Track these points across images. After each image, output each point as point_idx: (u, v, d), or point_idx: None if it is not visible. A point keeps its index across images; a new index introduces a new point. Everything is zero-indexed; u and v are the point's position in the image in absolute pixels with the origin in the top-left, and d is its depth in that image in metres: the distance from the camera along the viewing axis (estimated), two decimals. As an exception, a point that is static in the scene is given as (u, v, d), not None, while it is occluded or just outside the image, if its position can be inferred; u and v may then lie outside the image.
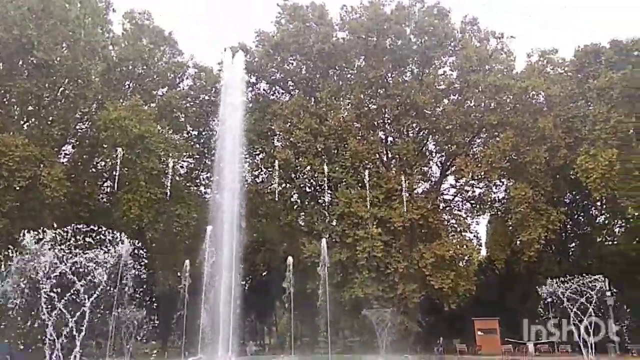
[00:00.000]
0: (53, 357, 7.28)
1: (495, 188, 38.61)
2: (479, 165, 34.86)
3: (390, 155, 40.30)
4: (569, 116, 34.15)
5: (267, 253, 42.67)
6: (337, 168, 36.34)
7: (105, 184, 38.24)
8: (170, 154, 34.08)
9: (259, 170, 42.28)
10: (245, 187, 33.39)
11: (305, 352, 30.35)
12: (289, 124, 37.20)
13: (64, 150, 36.55)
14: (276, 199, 39.59)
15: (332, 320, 25.76)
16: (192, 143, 39.77)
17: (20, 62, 31.67)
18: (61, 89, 33.52)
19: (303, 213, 39.47)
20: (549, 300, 22.74)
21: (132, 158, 32.31)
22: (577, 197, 39.64)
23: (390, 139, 41.15)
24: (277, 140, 40.81)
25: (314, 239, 33.54)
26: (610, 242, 39.12)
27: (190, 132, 41.49)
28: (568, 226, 39.92)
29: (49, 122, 33.23)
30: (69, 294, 7.85)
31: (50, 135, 32.22)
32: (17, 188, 28.27)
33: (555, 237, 35.57)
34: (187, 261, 24.66)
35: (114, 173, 37.08)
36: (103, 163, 37.01)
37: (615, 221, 38.37)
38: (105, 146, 33.21)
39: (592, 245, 39.78)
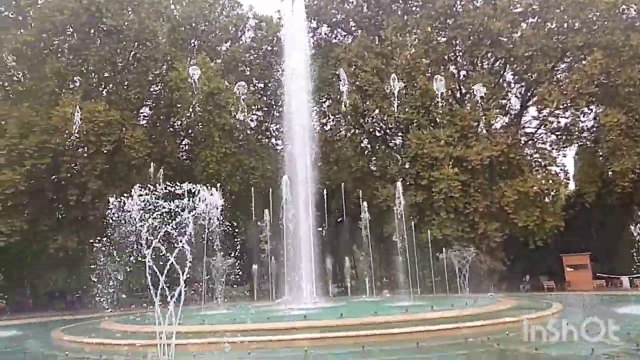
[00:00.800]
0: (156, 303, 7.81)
1: (583, 116, 35.50)
2: (564, 92, 32.03)
3: (464, 91, 38.15)
4: (670, 28, 30.10)
5: (341, 200, 43.03)
6: (406, 109, 35.12)
7: (184, 142, 40.00)
8: (240, 108, 34.78)
9: (327, 118, 42.03)
10: (315, 136, 33.40)
11: (385, 293, 30.84)
12: (354, 67, 36.12)
13: (142, 113, 38.52)
14: (346, 146, 39.45)
15: (410, 262, 25.72)
16: (259, 96, 40.13)
17: (92, 30, 33.09)
18: (132, 52, 34.84)
19: (374, 158, 39.02)
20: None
21: (205, 115, 33.37)
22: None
23: (463, 73, 38.79)
24: (343, 85, 40.00)
25: (387, 183, 33.18)
26: None
27: (257, 84, 41.81)
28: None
29: (125, 87, 34.92)
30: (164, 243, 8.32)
31: (128, 99, 33.94)
32: (105, 151, 30.35)
33: (653, 164, 32.34)
34: (266, 211, 25.46)
35: (190, 132, 38.87)
36: (179, 122, 38.60)
37: None
38: (179, 106, 34.43)
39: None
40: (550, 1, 32.65)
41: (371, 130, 38.15)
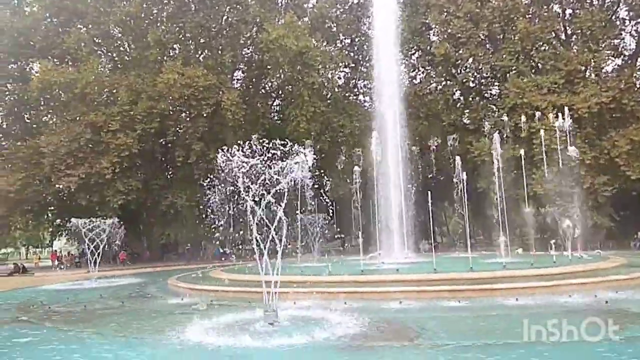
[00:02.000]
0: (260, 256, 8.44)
1: None
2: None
3: (570, 32, 34.58)
4: None
5: (432, 155, 42.01)
6: (504, 56, 32.78)
7: (275, 103, 41.15)
8: (328, 66, 34.82)
9: (416, 71, 40.61)
10: (403, 90, 32.57)
11: (478, 250, 30.14)
12: (446, 13, 34.17)
13: (235, 77, 40.05)
14: (437, 99, 38.03)
15: (508, 218, 24.73)
16: (347, 52, 39.68)
17: (187, -2, 34.60)
18: (224, 17, 36.02)
19: (468, 110, 37.27)
20: None
21: (294, 75, 33.90)
22: None
23: (569, 11, 34.97)
24: (434, 35, 38.16)
25: (482, 136, 31.69)
26: None
27: (344, 40, 41.34)
28: None
29: (220, 51, 36.36)
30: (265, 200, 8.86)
31: (222, 63, 35.44)
32: (205, 115, 32.25)
33: None
34: (357, 167, 25.70)
35: (280, 92, 39.83)
36: (270, 84, 39.64)
37: None
38: (270, 67, 35.26)
39: None
40: None
41: (464, 80, 36.35)
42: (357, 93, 41.52)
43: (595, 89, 29.25)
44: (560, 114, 29.01)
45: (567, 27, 34.74)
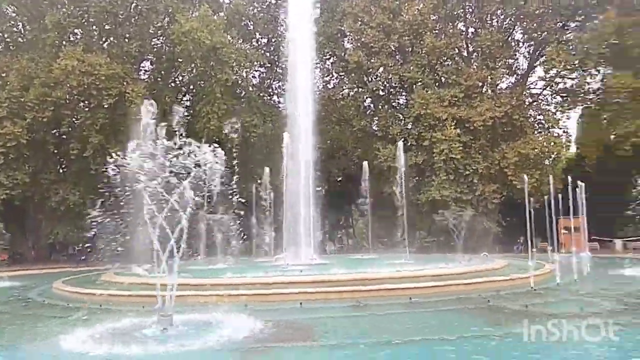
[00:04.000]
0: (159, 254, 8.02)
1: (590, 78, 34.82)
2: (573, 53, 31.46)
3: (471, 49, 37.35)
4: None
5: (342, 159, 43.11)
6: (412, 67, 34.55)
7: (185, 98, 39.66)
8: (242, 64, 34.29)
9: (330, 76, 41.44)
10: (317, 93, 33.08)
11: (381, 251, 31.44)
12: (360, 22, 35.24)
13: (143, 67, 37.97)
14: (349, 104, 39.09)
15: (408, 222, 26.04)
16: (262, 51, 39.38)
17: (92, -20, 32.20)
18: (133, 4, 33.98)
19: (377, 117, 38.76)
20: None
21: (207, 70, 32.93)
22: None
23: (471, 30, 37.76)
24: (348, 42, 39.19)
25: (389, 143, 33.13)
26: None
27: (260, 40, 40.97)
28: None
29: (127, 40, 34.25)
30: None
31: (129, 52, 33.38)
32: (106, 106, 30.17)
33: (656, 129, 32.05)
34: (267, 168, 25.57)
35: (191, 87, 38.45)
36: (181, 77, 38.12)
37: None
38: (181, 60, 33.92)
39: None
40: (565, -44, 31.41)
41: (375, 89, 37.71)
42: (272, 94, 41.34)
43: (490, 104, 31.83)
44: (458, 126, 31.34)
45: (469, 45, 37.47)
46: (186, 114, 39.17)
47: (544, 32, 33.77)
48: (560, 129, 34.92)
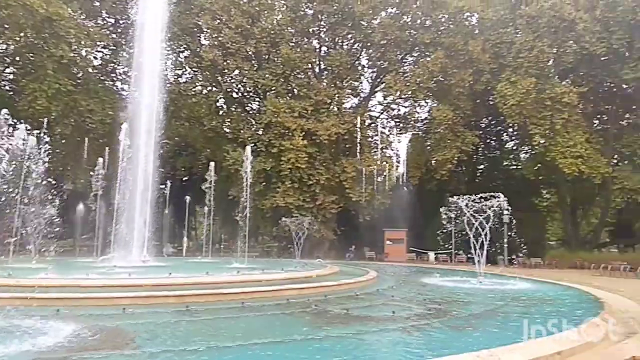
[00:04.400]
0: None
1: (420, 108, 39.71)
2: (408, 84, 35.28)
3: (322, 67, 39.48)
4: (497, 42, 34.94)
5: (189, 157, 41.66)
6: (267, 75, 35.12)
7: (7, 70, 34.24)
8: (83, 42, 30.99)
9: (183, 70, 39.85)
10: (167, 86, 31.51)
11: (222, 255, 31.12)
12: (218, 21, 34.72)
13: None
14: (201, 102, 38.03)
15: (252, 226, 26.30)
16: (108, 32, 36.05)
17: None
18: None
19: (229, 119, 38.42)
20: (452, 215, 24.45)
21: (38, 43, 28.99)
22: (492, 122, 41.89)
23: (324, 48, 40.06)
24: (205, 39, 38.23)
25: (239, 147, 33.10)
26: (514, 167, 42.44)
27: (106, 19, 37.47)
28: (479, 149, 42.48)
29: None
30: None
31: None
32: None
33: (467, 158, 37.80)
34: (101, 159, 23.40)
35: (17, 59, 33.32)
36: (5, 46, 32.78)
37: (522, 147, 41.42)
38: (7, 26, 29.22)
39: (498, 168, 43.03)
40: (409, -5, 35.18)
41: (229, 90, 37.40)
42: (115, 79, 38.05)
43: (336, 121, 33.99)
44: (305, 138, 32.78)
45: (321, 62, 39.59)
46: (8, 88, 33.92)
47: (386, 61, 37.40)
48: (393, 150, 39.03)
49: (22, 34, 29.84)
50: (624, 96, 34.11)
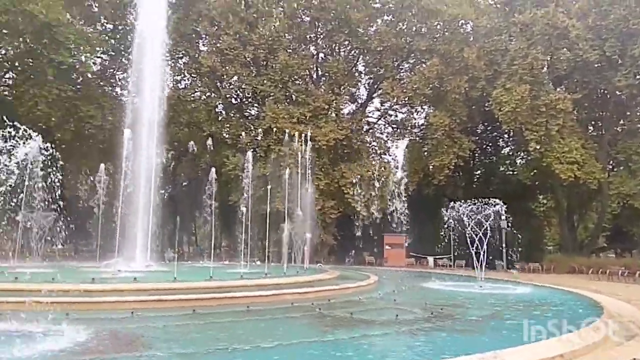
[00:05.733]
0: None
1: (417, 114, 40.04)
2: (404, 90, 35.63)
3: (320, 73, 39.80)
4: (492, 49, 35.41)
5: (189, 163, 41.77)
6: (265, 81, 35.38)
7: (7, 76, 34.35)
8: (82, 48, 31.15)
9: (182, 76, 40.10)
10: (167, 92, 31.68)
11: (223, 260, 31.20)
12: (217, 27, 35.02)
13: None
14: (200, 108, 38.23)
15: (253, 231, 26.45)
16: (107, 38, 36.23)
17: None
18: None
19: (228, 125, 38.61)
20: (451, 220, 24.70)
21: (38, 49, 29.16)
22: (488, 128, 42.30)
23: (321, 55, 40.43)
24: (203, 45, 38.50)
25: (238, 152, 33.27)
26: (511, 172, 42.82)
27: (105, 24, 37.66)
28: (476, 154, 42.87)
29: None
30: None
31: None
32: None
33: (464, 164, 38.15)
34: (103, 165, 23.54)
35: (17, 64, 33.44)
36: (3, 51, 32.91)
37: (518, 153, 41.82)
38: (6, 32, 29.36)
39: (495, 173, 43.41)
40: (404, 3, 35.61)
41: (227, 96, 37.62)
42: (115, 85, 38.21)
43: (334, 126, 34.24)
44: (305, 143, 32.99)
45: (319, 69, 39.92)
46: (7, 93, 34.00)
47: (383, 67, 37.77)
48: (390, 156, 39.33)
49: (21, 40, 30.01)
50: (618, 102, 34.64)
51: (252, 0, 35.92)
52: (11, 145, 12.20)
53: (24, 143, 14.10)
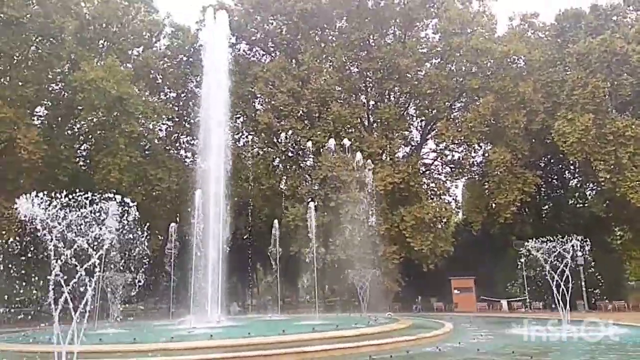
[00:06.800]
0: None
1: (474, 152, 39.20)
2: (459, 129, 35.28)
3: (372, 120, 40.35)
4: (548, 81, 34.64)
5: (249, 217, 42.86)
6: (319, 132, 36.28)
7: (83, 147, 37.41)
8: (150, 117, 33.57)
9: (240, 134, 41.92)
10: (229, 152, 33.18)
11: (288, 311, 31.13)
12: (271, 86, 36.70)
13: (37, 113, 35.36)
14: (258, 163, 39.56)
15: (316, 281, 26.40)
16: (171, 105, 38.94)
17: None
18: (32, 47, 32.12)
19: (285, 177, 39.54)
20: (523, 260, 23.46)
21: (110, 120, 31.69)
22: (552, 160, 40.69)
23: (372, 102, 41.06)
24: (259, 104, 40.32)
25: (297, 203, 33.81)
26: (581, 205, 40.58)
27: (169, 94, 40.60)
28: (542, 189, 41.07)
29: (22, 83, 31.87)
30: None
31: (23, 96, 30.97)
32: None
33: (530, 199, 36.60)
34: (174, 224, 24.65)
35: (90, 136, 36.41)
36: (79, 125, 36.05)
37: (587, 184, 39.73)
38: (82, 108, 32.28)
39: (564, 207, 41.22)
40: (452, 45, 35.93)
41: (284, 149, 38.76)
42: (179, 148, 40.60)
43: (390, 171, 34.21)
44: (362, 189, 33.13)
45: (370, 116, 40.52)
46: (82, 164, 36.89)
47: (434, 109, 37.79)
48: (450, 196, 38.51)
49: (94, 114, 32.73)
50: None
51: (303, 58, 37.54)
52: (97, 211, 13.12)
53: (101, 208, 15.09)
